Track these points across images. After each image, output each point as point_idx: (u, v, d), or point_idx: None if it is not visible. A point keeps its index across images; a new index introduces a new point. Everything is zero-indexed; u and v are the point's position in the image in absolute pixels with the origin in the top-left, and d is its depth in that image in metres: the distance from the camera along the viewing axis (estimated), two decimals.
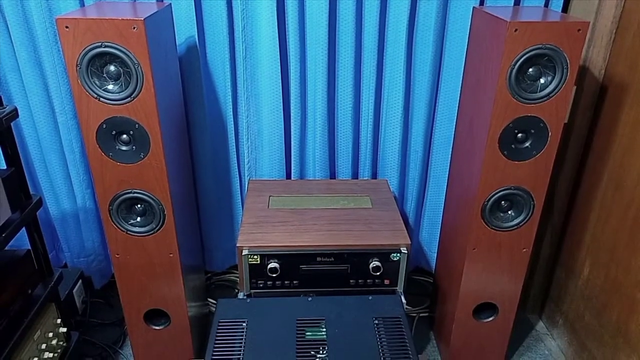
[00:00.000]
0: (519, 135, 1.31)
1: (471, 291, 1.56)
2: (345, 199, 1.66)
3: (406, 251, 1.41)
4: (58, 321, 1.46)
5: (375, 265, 1.41)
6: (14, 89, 1.65)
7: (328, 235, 1.45)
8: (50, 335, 1.41)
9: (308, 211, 1.57)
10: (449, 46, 1.64)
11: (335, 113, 1.75)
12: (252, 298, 1.40)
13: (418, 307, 1.98)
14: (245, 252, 1.39)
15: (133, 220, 1.38)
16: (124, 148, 1.27)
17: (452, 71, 1.67)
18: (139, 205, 1.36)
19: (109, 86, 1.20)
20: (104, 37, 1.14)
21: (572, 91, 1.56)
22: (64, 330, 1.46)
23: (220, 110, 1.73)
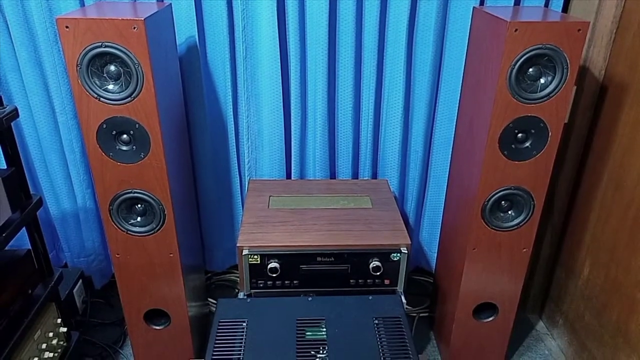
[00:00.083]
0: (519, 135, 1.31)
1: (471, 291, 1.57)
2: (345, 199, 1.66)
3: (406, 251, 1.41)
4: (58, 321, 1.46)
5: (375, 265, 1.41)
6: (14, 89, 1.65)
7: (328, 235, 1.45)
8: (50, 335, 1.41)
9: (308, 211, 1.57)
10: (449, 46, 1.64)
11: (335, 113, 1.75)
12: (252, 298, 1.40)
13: (418, 307, 1.98)
14: (245, 252, 1.39)
15: (133, 220, 1.38)
16: (124, 148, 1.27)
17: (452, 71, 1.67)
18: (139, 205, 1.36)
19: (109, 86, 1.20)
20: (104, 37, 1.14)
21: (572, 91, 1.56)
22: (64, 330, 1.46)
23: (220, 110, 1.73)
